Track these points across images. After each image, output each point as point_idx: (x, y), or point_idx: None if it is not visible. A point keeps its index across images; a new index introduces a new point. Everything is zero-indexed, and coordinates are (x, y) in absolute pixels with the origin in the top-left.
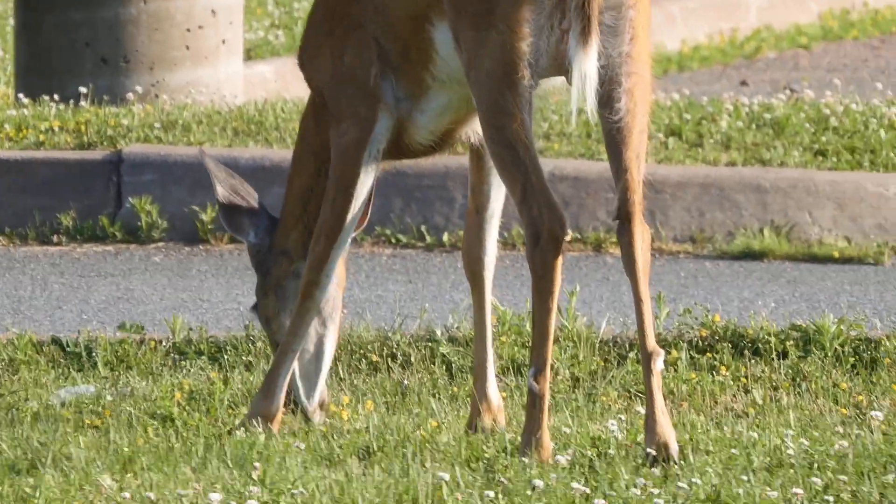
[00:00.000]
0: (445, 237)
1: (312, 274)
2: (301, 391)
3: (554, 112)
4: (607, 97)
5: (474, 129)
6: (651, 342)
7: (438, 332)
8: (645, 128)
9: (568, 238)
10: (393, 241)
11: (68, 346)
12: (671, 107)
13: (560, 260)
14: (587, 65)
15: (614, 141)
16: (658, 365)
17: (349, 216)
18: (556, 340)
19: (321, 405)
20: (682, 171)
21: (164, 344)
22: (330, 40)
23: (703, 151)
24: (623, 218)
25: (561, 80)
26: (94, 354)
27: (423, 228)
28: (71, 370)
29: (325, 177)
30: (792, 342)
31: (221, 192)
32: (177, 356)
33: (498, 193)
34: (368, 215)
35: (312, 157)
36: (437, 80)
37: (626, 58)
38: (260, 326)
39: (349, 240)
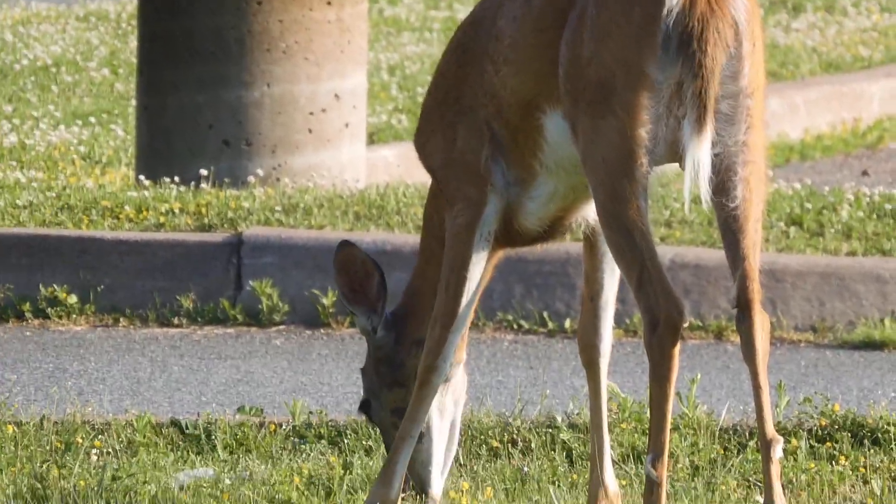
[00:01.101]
0: (567, 323)
1: (430, 359)
2: (427, 476)
3: (675, 199)
4: (723, 186)
5: (585, 217)
6: (770, 430)
7: (559, 419)
8: (760, 216)
9: (685, 325)
10: (515, 326)
11: (187, 428)
12: (792, 196)
13: (678, 347)
14: (700, 152)
15: (731, 230)
16: (777, 453)
17: (464, 300)
18: (676, 428)
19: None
20: (803, 260)
21: (283, 427)
22: (442, 124)
23: (823, 241)
24: (742, 306)
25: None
26: (213, 437)
27: (544, 314)
28: (190, 453)
29: None
30: None
31: (344, 293)
32: (297, 440)
33: (611, 280)
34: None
35: (440, 245)
36: (544, 166)
37: (742, 146)
38: (377, 425)
39: (465, 323)
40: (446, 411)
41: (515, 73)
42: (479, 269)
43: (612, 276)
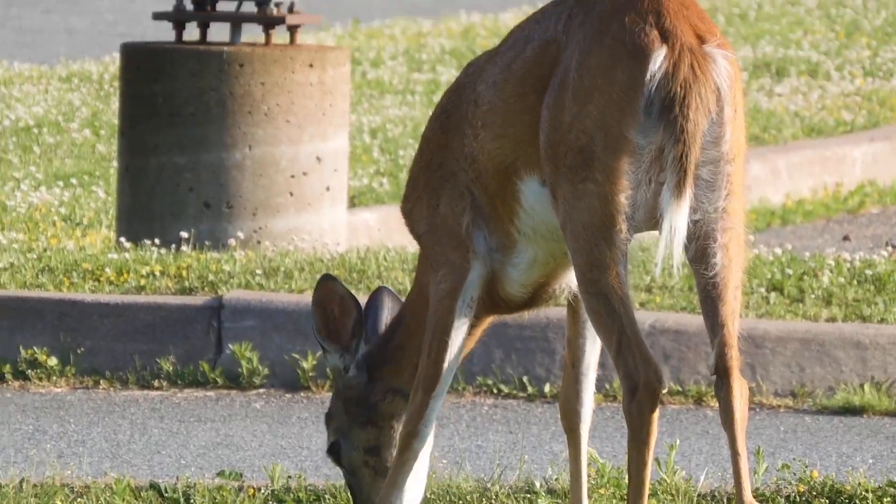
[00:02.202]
0: (547, 388)
1: (411, 425)
2: None
3: (656, 265)
4: (702, 252)
5: (569, 283)
6: (748, 496)
7: (538, 484)
8: (740, 284)
9: (664, 391)
10: (494, 391)
11: (166, 491)
12: (773, 261)
13: (657, 412)
14: (678, 218)
15: (710, 297)
16: None
17: (445, 365)
18: (654, 493)
19: None
20: (783, 326)
21: (262, 491)
22: (427, 190)
23: (804, 307)
24: (721, 374)
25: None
26: (192, 501)
27: (524, 379)
28: None
29: None
30: (889, 499)
31: (318, 333)
32: None
33: (593, 347)
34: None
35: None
36: (522, 233)
37: (721, 213)
38: (343, 467)
39: (446, 389)
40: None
41: (493, 138)
42: (462, 334)
43: (593, 342)
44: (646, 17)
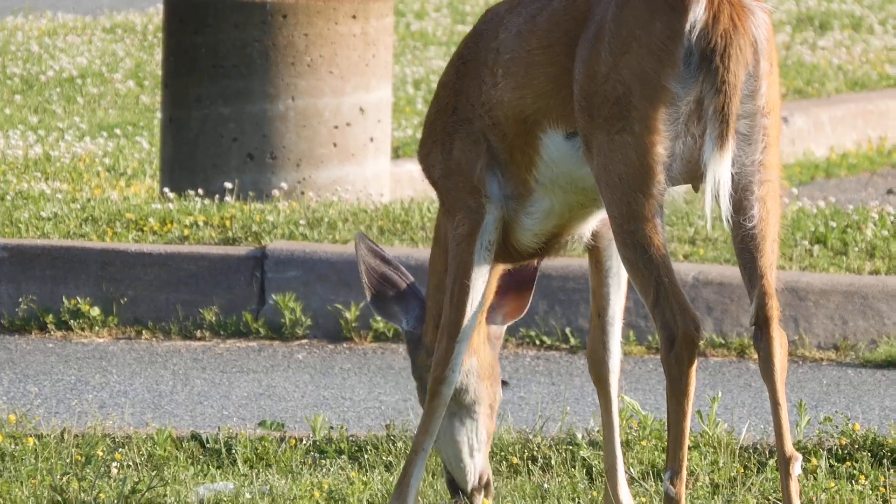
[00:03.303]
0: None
1: (439, 370)
2: (461, 474)
3: (699, 217)
4: (740, 205)
5: (582, 234)
6: (789, 447)
7: (579, 436)
8: (777, 236)
9: (702, 341)
10: (537, 342)
11: (208, 442)
12: (817, 214)
13: (695, 363)
14: (722, 169)
15: (748, 249)
16: (796, 470)
17: (468, 308)
18: (696, 446)
19: (484, 485)
20: (827, 278)
21: (304, 442)
22: (442, 135)
23: (847, 260)
24: (761, 324)
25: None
26: (233, 451)
27: (567, 330)
28: (210, 467)
29: None
30: None
31: (368, 283)
32: (317, 455)
33: (617, 296)
34: (528, 305)
35: (444, 256)
36: (539, 183)
37: (759, 166)
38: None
39: (471, 333)
40: (452, 416)
41: (514, 88)
42: (483, 278)
43: (617, 291)
44: None
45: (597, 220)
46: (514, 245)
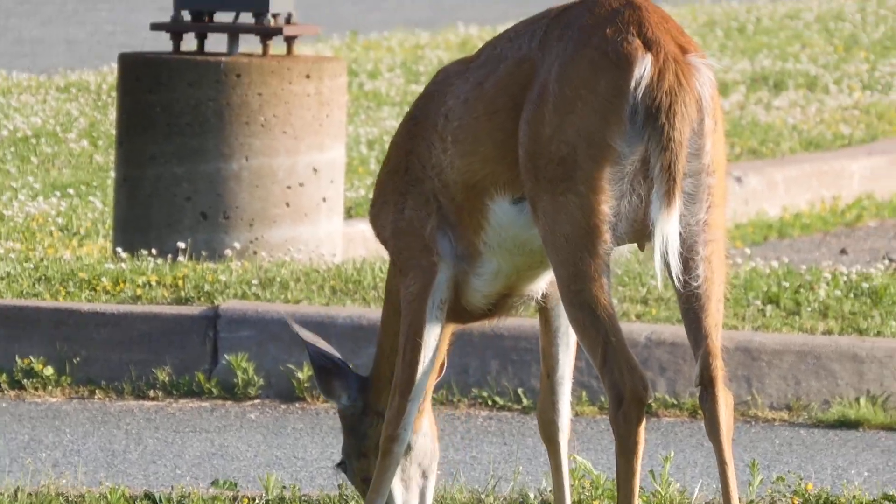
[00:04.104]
0: None
1: (390, 429)
2: None
3: (652, 277)
4: (685, 265)
5: (531, 295)
6: None
7: (532, 496)
8: (722, 296)
9: (651, 400)
10: (489, 402)
11: (160, 501)
12: (770, 274)
13: (643, 422)
14: (669, 227)
15: (693, 309)
16: None
17: (420, 367)
18: None
19: None
20: (779, 338)
21: (257, 502)
22: (394, 195)
23: (800, 319)
24: (706, 384)
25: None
26: None
27: (519, 391)
28: None
29: None
30: None
31: (315, 357)
32: None
33: (566, 356)
34: (444, 368)
35: (398, 316)
36: (487, 246)
37: (703, 225)
38: (352, 484)
39: (423, 392)
40: (412, 481)
41: (463, 155)
42: (435, 336)
43: (566, 351)
44: (627, 28)
45: (545, 282)
46: (465, 306)
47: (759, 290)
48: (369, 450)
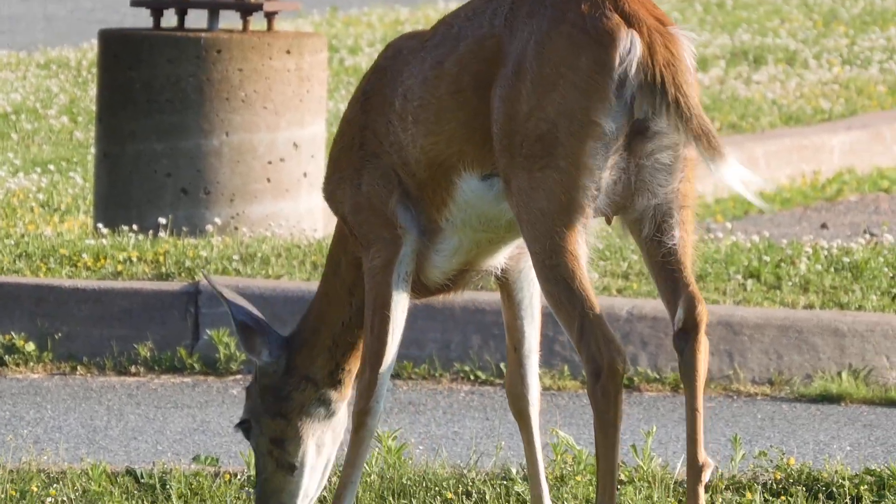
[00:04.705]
0: None
1: (363, 403)
2: None
3: (633, 251)
4: (660, 228)
5: (488, 269)
6: (702, 454)
7: (514, 470)
8: (693, 261)
9: (628, 373)
10: (472, 377)
11: (142, 477)
12: (751, 249)
13: (621, 393)
14: (737, 173)
15: (670, 264)
16: (706, 477)
17: (389, 339)
18: (631, 481)
19: None
20: (761, 313)
21: (238, 477)
22: (349, 171)
23: (781, 294)
24: (689, 328)
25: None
26: (168, 486)
27: (501, 365)
28: (145, 502)
29: (356, 310)
30: (866, 486)
31: (237, 312)
32: (251, 490)
33: (531, 328)
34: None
35: (346, 291)
36: (449, 222)
37: (678, 193)
38: (252, 445)
39: (393, 364)
40: (324, 447)
41: (426, 134)
42: (403, 308)
43: (531, 323)
44: (604, 2)
45: (504, 256)
46: (423, 281)
47: (740, 264)
48: (291, 411)
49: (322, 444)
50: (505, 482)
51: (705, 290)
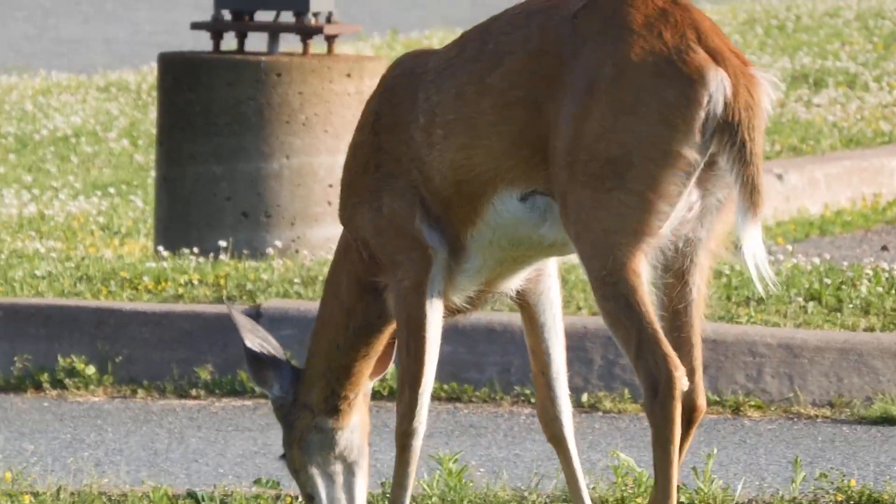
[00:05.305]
0: (584, 398)
1: (406, 424)
2: None
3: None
4: (684, 265)
5: (504, 291)
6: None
7: None
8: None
9: (686, 387)
10: (532, 400)
11: (203, 500)
12: (811, 271)
13: (679, 408)
14: (756, 241)
15: (680, 317)
16: None
17: (427, 359)
18: (691, 503)
19: None
20: (821, 335)
21: (299, 500)
22: (366, 195)
23: (842, 316)
24: (690, 419)
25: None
26: None
27: None
28: None
29: (352, 333)
30: None
31: (250, 344)
32: None
33: (557, 350)
34: (391, 362)
35: (343, 313)
36: (474, 240)
37: (711, 233)
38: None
39: (431, 384)
40: (337, 476)
41: (460, 149)
42: (438, 327)
43: (556, 345)
44: (685, 34)
45: (521, 279)
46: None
47: (801, 286)
48: (294, 441)
49: (334, 474)
50: None
51: (766, 312)
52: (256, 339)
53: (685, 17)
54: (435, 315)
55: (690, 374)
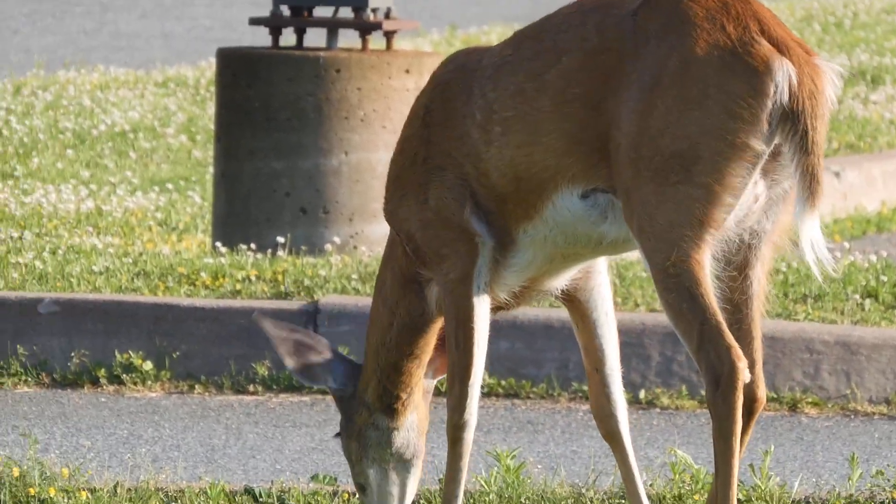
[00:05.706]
0: (642, 394)
1: (457, 417)
2: None
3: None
4: (746, 258)
5: (549, 289)
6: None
7: None
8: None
9: (748, 379)
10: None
11: (261, 496)
12: (868, 268)
13: (741, 400)
14: (815, 230)
15: (741, 309)
16: None
17: (476, 351)
18: (749, 500)
19: None
20: (878, 333)
21: (356, 496)
22: (413, 188)
23: None
24: (750, 409)
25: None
26: None
27: None
28: None
29: (396, 332)
30: None
31: (289, 359)
32: None
33: (611, 347)
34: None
35: (388, 311)
36: (528, 235)
37: (776, 224)
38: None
39: (481, 375)
40: (391, 472)
41: (520, 145)
42: (485, 319)
43: (610, 342)
44: (747, 25)
45: (568, 278)
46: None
47: (858, 284)
48: (352, 433)
49: (388, 470)
50: (623, 501)
51: (823, 309)
52: (292, 346)
53: (746, 9)
54: (482, 307)
55: (751, 367)
